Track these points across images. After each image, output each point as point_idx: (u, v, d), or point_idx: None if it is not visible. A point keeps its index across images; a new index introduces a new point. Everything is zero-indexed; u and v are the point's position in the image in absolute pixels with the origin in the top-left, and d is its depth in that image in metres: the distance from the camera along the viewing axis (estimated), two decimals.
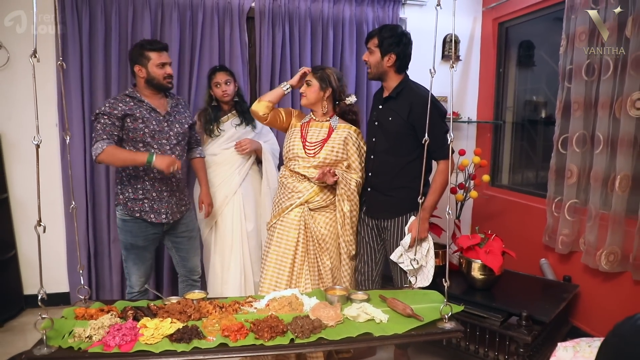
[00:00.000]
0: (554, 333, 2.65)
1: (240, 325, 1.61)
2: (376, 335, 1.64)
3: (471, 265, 2.65)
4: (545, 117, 3.63)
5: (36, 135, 1.49)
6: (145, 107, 2.39)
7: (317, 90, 2.39)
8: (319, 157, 2.37)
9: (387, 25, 2.42)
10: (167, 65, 2.41)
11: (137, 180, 2.41)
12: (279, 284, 2.33)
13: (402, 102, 2.35)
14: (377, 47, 2.34)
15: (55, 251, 3.22)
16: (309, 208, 2.38)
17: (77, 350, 1.51)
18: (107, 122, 2.29)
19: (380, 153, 2.42)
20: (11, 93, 3.11)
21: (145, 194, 2.42)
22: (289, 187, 2.41)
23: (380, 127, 2.42)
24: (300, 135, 2.44)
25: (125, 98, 2.38)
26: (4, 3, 3.03)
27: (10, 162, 3.18)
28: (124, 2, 3.13)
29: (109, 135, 2.29)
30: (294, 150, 2.41)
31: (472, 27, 3.96)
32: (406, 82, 2.41)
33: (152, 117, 2.39)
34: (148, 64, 2.35)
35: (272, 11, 3.39)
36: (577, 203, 2.85)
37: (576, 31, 2.78)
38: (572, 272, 2.92)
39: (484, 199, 3.79)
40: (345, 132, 2.42)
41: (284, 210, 2.40)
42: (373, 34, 2.38)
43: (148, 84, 2.40)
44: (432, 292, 2.01)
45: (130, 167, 2.38)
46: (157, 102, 2.45)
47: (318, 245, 2.38)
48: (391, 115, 2.37)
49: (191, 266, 2.71)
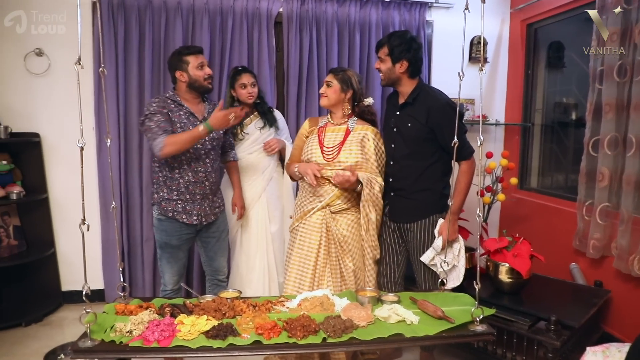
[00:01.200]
0: (584, 339, 2.61)
1: (274, 324, 1.65)
2: (407, 336, 1.65)
3: (498, 269, 2.64)
4: (576, 119, 3.58)
5: (80, 139, 1.57)
6: (185, 111, 2.47)
7: (337, 91, 2.39)
8: (337, 161, 2.36)
9: (396, 32, 2.41)
10: (206, 65, 2.49)
11: (172, 182, 2.49)
12: (302, 286, 2.35)
13: (419, 107, 2.35)
14: (388, 55, 2.34)
15: (92, 249, 3.34)
16: (331, 211, 2.39)
17: (118, 344, 1.57)
18: (161, 119, 2.36)
19: (400, 158, 2.43)
20: (51, 98, 3.25)
21: (180, 196, 2.49)
22: (311, 191, 2.42)
23: (399, 133, 2.42)
24: (317, 140, 2.44)
25: (167, 100, 2.46)
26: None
27: (50, 164, 3.32)
28: (157, 9, 3.24)
29: (163, 130, 2.35)
30: (313, 157, 2.41)
31: (500, 28, 3.94)
32: (421, 86, 2.41)
33: (189, 122, 2.45)
34: (188, 67, 2.43)
35: (300, 16, 3.44)
36: (609, 207, 2.80)
37: (608, 32, 2.74)
38: (604, 277, 2.88)
39: (512, 202, 3.76)
40: (362, 133, 2.41)
41: (306, 213, 2.42)
42: (382, 42, 2.37)
43: (190, 87, 2.47)
44: (462, 295, 2.01)
45: (166, 168, 2.45)
46: (195, 107, 2.52)
47: (340, 247, 2.38)
48: (410, 121, 2.37)
49: (217, 266, 2.77)
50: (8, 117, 3.18)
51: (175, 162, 2.45)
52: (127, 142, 3.31)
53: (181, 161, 2.46)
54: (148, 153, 3.30)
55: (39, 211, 3.31)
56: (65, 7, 3.18)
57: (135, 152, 3.33)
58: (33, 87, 3.22)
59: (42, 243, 3.33)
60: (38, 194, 3.25)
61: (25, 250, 3.27)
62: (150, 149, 2.47)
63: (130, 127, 3.30)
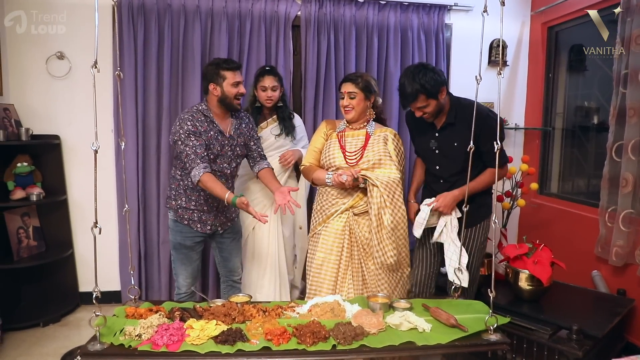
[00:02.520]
0: (607, 349, 2.53)
1: (283, 330, 1.63)
2: (419, 344, 1.63)
3: (518, 276, 2.59)
4: (597, 124, 3.49)
5: (95, 142, 1.58)
6: (215, 129, 2.44)
7: (362, 100, 2.36)
8: (361, 165, 2.36)
9: (415, 75, 2.18)
10: (241, 84, 2.44)
11: (192, 193, 2.49)
12: (324, 290, 2.35)
13: (464, 125, 2.20)
14: (429, 98, 2.20)
15: (109, 251, 3.38)
16: (354, 213, 2.38)
17: (127, 347, 1.58)
18: (196, 144, 2.34)
19: (449, 178, 2.37)
20: (72, 100, 3.30)
21: (198, 206, 2.50)
22: (333, 194, 2.40)
23: (444, 154, 2.36)
24: (339, 145, 2.42)
25: (200, 116, 2.41)
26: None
27: (71, 166, 3.37)
28: (176, 13, 3.26)
29: (201, 158, 2.33)
30: (336, 162, 2.39)
31: (520, 31, 3.87)
32: (454, 102, 2.34)
33: (217, 142, 2.44)
34: (223, 83, 2.40)
35: (318, 19, 3.43)
36: (633, 213, 2.72)
37: (632, 34, 2.67)
38: (627, 286, 2.79)
39: (532, 207, 3.68)
40: (382, 134, 2.40)
41: (328, 217, 2.41)
42: (415, 95, 2.18)
43: (221, 102, 2.44)
44: (476, 303, 1.97)
45: (189, 178, 2.42)
46: (223, 124, 2.49)
47: (363, 250, 2.38)
48: (457, 141, 2.30)
49: (232, 266, 2.76)
50: (29, 119, 3.25)
51: None
52: (145, 144, 3.34)
53: None
54: (166, 156, 3.32)
55: (58, 212, 3.36)
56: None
57: (153, 155, 3.35)
58: (54, 90, 3.28)
59: (61, 244, 3.38)
60: (57, 196, 3.30)
61: (44, 251, 3.32)
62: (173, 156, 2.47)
63: (149, 129, 3.33)
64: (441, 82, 2.21)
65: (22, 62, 3.23)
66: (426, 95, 2.19)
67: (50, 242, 3.38)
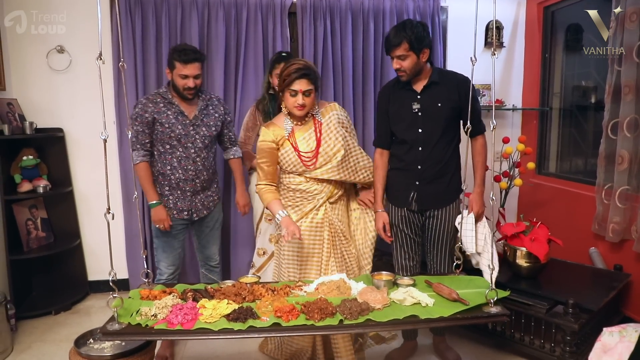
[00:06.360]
0: (604, 322, 2.58)
1: (292, 307, 1.70)
2: (422, 318, 1.69)
3: (516, 253, 2.64)
4: (595, 102, 3.53)
5: (103, 131, 1.66)
6: (174, 110, 2.47)
7: (314, 96, 2.18)
8: (320, 164, 2.22)
9: (405, 25, 2.19)
10: (190, 78, 2.40)
11: (164, 178, 2.55)
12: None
13: (448, 85, 2.27)
14: (410, 50, 2.18)
15: (115, 240, 3.39)
16: (329, 202, 2.30)
17: (144, 327, 1.65)
18: (139, 130, 2.45)
19: (430, 142, 2.31)
20: (73, 94, 3.34)
21: (171, 191, 2.57)
22: (309, 191, 2.27)
23: (427, 116, 2.30)
24: (293, 149, 2.21)
25: (157, 98, 2.48)
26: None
27: (75, 158, 3.42)
28: (173, 3, 3.29)
29: (142, 144, 2.48)
30: (298, 169, 2.24)
31: (516, 12, 3.88)
32: (437, 69, 2.35)
33: (177, 122, 2.46)
34: (174, 71, 2.43)
35: (314, 6, 3.45)
36: (629, 190, 2.77)
37: (627, 12, 2.69)
38: (624, 261, 2.85)
39: (529, 187, 3.74)
40: (332, 115, 2.27)
41: (306, 213, 2.28)
42: (398, 40, 2.17)
43: (173, 88, 2.49)
44: (477, 278, 2.04)
45: (159, 164, 2.53)
46: (185, 105, 2.51)
47: (344, 238, 2.32)
48: (440, 101, 2.28)
49: (208, 254, 2.81)
50: (33, 113, 3.29)
51: (166, 160, 2.51)
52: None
53: (171, 160, 2.50)
54: None
55: (65, 204, 3.42)
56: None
57: None
58: (56, 84, 3.32)
59: (69, 234, 3.45)
60: (63, 187, 3.36)
61: (53, 242, 3.39)
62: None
63: None
64: (427, 43, 2.23)
65: (23, 57, 3.27)
66: (409, 46, 2.18)
67: (58, 233, 3.44)
